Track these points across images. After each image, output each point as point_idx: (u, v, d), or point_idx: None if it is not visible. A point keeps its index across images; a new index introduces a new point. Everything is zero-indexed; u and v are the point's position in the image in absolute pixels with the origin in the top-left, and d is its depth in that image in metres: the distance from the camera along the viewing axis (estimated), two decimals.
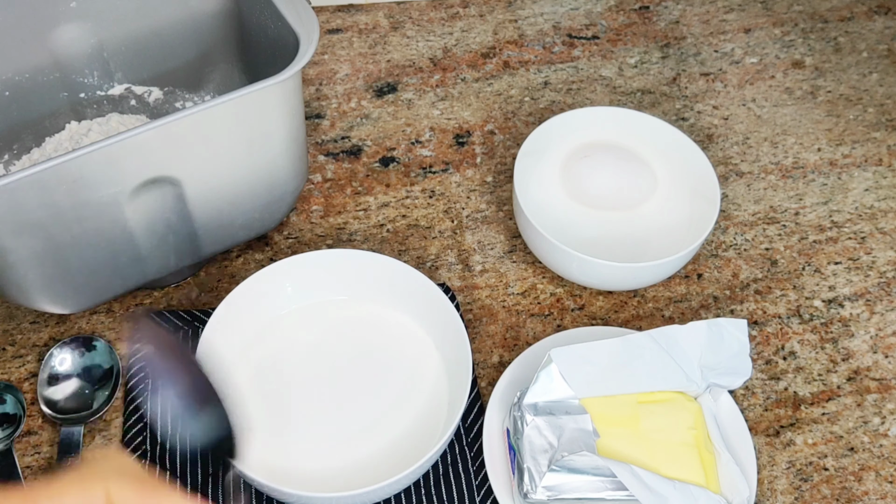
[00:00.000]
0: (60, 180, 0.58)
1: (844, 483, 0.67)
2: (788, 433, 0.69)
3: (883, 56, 0.96)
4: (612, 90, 0.92)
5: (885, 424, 0.70)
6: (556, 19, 0.99)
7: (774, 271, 0.79)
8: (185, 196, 0.66)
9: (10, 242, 0.60)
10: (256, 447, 0.62)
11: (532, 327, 0.74)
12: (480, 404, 0.68)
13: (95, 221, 0.62)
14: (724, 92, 0.92)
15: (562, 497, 0.59)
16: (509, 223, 0.81)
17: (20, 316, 0.73)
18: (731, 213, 0.83)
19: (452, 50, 0.95)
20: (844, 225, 0.82)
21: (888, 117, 0.91)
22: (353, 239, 0.79)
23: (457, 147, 0.87)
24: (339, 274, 0.69)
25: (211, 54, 0.80)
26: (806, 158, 0.87)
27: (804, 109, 0.91)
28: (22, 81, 0.74)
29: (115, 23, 0.75)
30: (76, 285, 0.66)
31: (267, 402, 0.64)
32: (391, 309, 0.69)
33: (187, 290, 0.75)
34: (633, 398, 0.63)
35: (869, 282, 0.78)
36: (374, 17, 0.98)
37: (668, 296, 0.76)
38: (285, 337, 0.68)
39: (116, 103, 0.80)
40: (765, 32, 0.98)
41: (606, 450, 0.61)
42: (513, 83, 0.92)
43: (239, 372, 0.66)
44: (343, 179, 0.83)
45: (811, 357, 0.73)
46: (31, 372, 0.70)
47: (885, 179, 0.86)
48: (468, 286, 0.76)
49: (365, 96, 0.90)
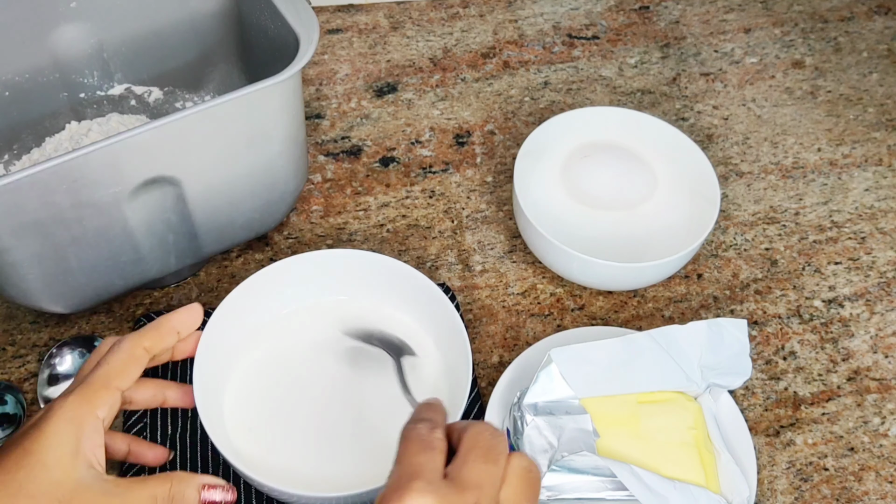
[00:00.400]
0: (60, 180, 0.58)
1: (844, 483, 0.67)
2: (788, 433, 0.69)
3: (883, 56, 0.96)
4: (612, 90, 0.92)
5: (885, 424, 0.70)
6: (556, 19, 0.99)
7: (774, 271, 0.79)
8: (185, 196, 0.66)
9: (10, 242, 0.60)
10: (256, 447, 0.62)
11: (532, 327, 0.74)
12: (480, 404, 0.68)
13: (95, 221, 0.62)
14: (724, 92, 0.92)
15: (562, 497, 0.59)
16: (509, 223, 0.81)
17: (20, 316, 0.73)
18: (731, 213, 0.83)
19: (452, 50, 0.95)
20: (844, 225, 0.82)
21: (888, 117, 0.91)
22: (353, 239, 0.79)
23: (457, 147, 0.87)
24: (339, 274, 0.69)
25: (211, 54, 0.80)
26: (806, 158, 0.87)
27: (804, 109, 0.91)
28: (22, 81, 0.74)
29: (115, 23, 0.75)
30: (76, 285, 0.66)
31: (267, 402, 0.64)
32: (391, 309, 0.69)
33: (187, 290, 0.75)
34: (633, 398, 0.63)
35: (869, 282, 0.78)
36: (374, 17, 0.98)
37: (668, 296, 0.76)
38: (285, 337, 0.68)
39: (116, 103, 0.80)
40: (765, 32, 0.98)
41: (606, 450, 0.61)
42: (513, 83, 0.92)
43: (239, 372, 0.66)
44: (343, 179, 0.83)
45: (811, 357, 0.73)
46: (31, 372, 0.70)
47: (885, 179, 0.86)
48: (468, 286, 0.76)
49: (365, 96, 0.90)
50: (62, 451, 0.49)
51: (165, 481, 0.51)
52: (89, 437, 0.50)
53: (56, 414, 0.50)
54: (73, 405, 0.51)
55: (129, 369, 0.54)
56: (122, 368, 0.54)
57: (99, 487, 0.49)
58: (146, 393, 0.58)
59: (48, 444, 0.49)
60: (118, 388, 0.53)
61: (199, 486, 0.52)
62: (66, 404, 0.51)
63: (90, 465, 0.50)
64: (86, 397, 0.51)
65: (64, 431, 0.50)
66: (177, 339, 0.57)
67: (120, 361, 0.54)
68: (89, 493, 0.49)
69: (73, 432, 0.50)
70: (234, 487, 0.53)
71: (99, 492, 0.49)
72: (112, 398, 0.53)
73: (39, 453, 0.49)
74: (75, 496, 0.48)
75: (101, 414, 0.51)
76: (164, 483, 0.51)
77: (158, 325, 0.57)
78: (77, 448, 0.50)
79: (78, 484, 0.49)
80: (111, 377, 0.53)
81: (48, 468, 0.48)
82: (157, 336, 0.56)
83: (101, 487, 0.49)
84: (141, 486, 0.51)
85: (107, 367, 0.53)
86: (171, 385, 0.60)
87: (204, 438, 0.65)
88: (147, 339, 0.56)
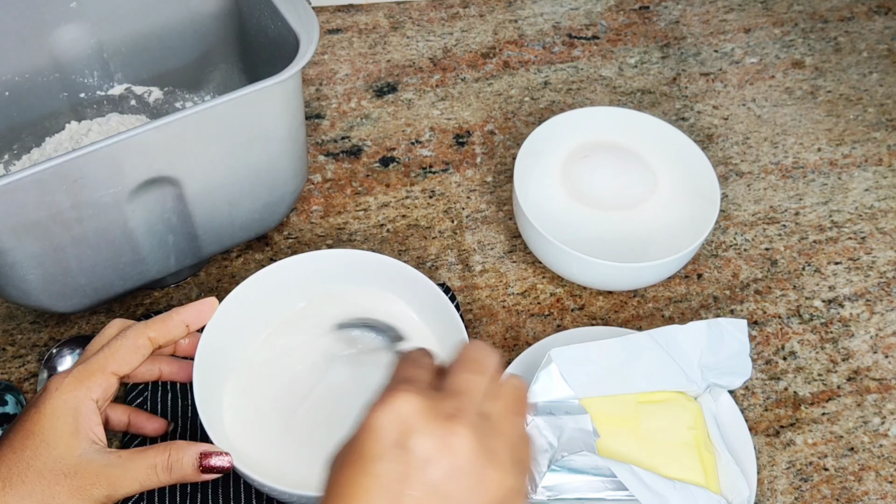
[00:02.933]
0: (60, 180, 0.58)
1: (844, 483, 0.67)
2: (788, 433, 0.69)
3: (883, 56, 0.96)
4: (612, 90, 0.92)
5: (885, 424, 0.70)
6: (556, 19, 0.99)
7: (774, 271, 0.79)
8: (185, 196, 0.66)
9: (10, 242, 0.60)
10: (256, 446, 0.62)
11: (532, 327, 0.74)
12: None
13: (95, 221, 0.62)
14: (724, 92, 0.92)
15: (562, 497, 0.59)
16: (509, 223, 0.81)
17: (20, 316, 0.73)
18: (731, 213, 0.83)
19: (452, 50, 0.95)
20: (844, 225, 0.82)
21: (888, 117, 0.91)
22: (353, 239, 0.79)
23: (457, 147, 0.87)
24: (339, 274, 0.69)
25: (211, 54, 0.80)
26: (806, 158, 0.87)
27: (804, 109, 0.91)
28: (22, 82, 0.74)
29: (115, 23, 0.75)
30: (76, 285, 0.66)
31: (266, 402, 0.64)
32: (391, 309, 0.69)
33: (187, 290, 0.75)
34: (633, 398, 0.63)
35: (869, 282, 0.78)
36: (374, 17, 0.98)
37: (668, 296, 0.76)
38: (285, 337, 0.68)
39: (116, 103, 0.80)
40: (765, 32, 0.98)
41: (606, 450, 0.61)
42: (513, 83, 0.92)
43: (239, 371, 0.66)
44: (343, 179, 0.83)
45: (811, 357, 0.73)
46: (31, 372, 0.70)
47: (885, 179, 0.86)
48: (468, 286, 0.76)
49: (365, 96, 0.90)
50: (62, 431, 0.52)
51: (164, 450, 0.54)
52: (86, 418, 0.53)
53: (53, 396, 0.53)
54: (69, 387, 0.53)
55: (130, 357, 0.56)
56: (123, 355, 0.56)
57: (101, 459, 0.52)
58: (142, 366, 0.59)
59: (49, 425, 0.52)
60: (114, 374, 0.55)
61: (197, 453, 0.54)
62: (62, 386, 0.54)
63: (91, 441, 0.53)
64: (81, 380, 0.54)
65: (61, 413, 0.53)
66: (186, 332, 0.59)
67: (122, 348, 0.56)
68: (92, 465, 0.52)
69: (71, 413, 0.53)
70: (229, 454, 0.55)
71: (102, 463, 0.52)
72: (107, 382, 0.55)
73: (42, 434, 0.52)
74: (79, 469, 0.51)
75: (94, 396, 0.54)
76: (163, 452, 0.53)
77: (168, 317, 0.58)
78: (76, 427, 0.53)
79: (80, 458, 0.52)
80: (109, 363, 0.55)
81: (51, 446, 0.52)
82: (164, 328, 0.57)
83: (104, 459, 0.52)
84: (141, 455, 0.53)
85: (107, 352, 0.55)
86: (167, 360, 0.61)
87: (204, 437, 0.64)
88: (153, 329, 0.57)
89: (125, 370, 0.56)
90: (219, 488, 0.63)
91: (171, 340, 0.58)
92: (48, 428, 0.52)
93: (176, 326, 0.58)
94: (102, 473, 0.52)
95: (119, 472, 0.52)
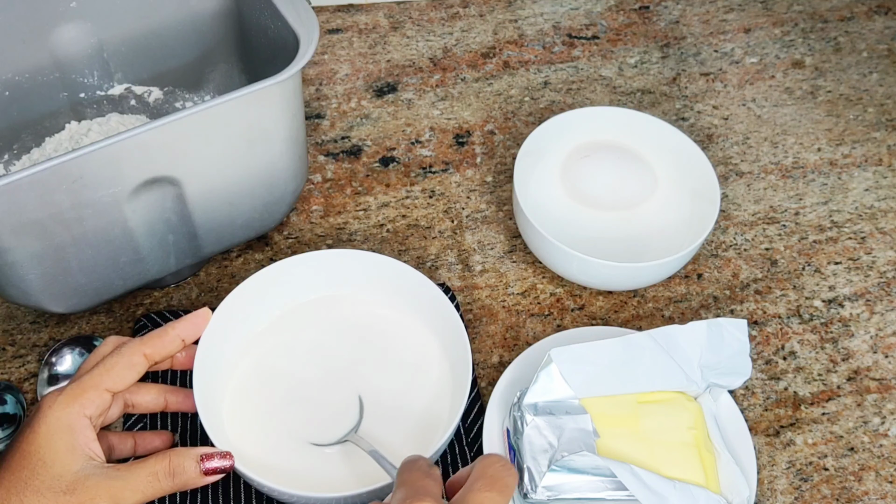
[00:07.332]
0: (60, 180, 0.58)
1: (844, 483, 0.67)
2: (788, 433, 0.69)
3: (883, 56, 0.96)
4: (612, 90, 0.92)
5: (885, 424, 0.70)
6: (556, 19, 0.99)
7: (774, 271, 0.79)
8: (185, 196, 0.66)
9: (10, 242, 0.60)
10: (256, 447, 0.62)
11: (532, 327, 0.74)
12: (480, 404, 0.68)
13: (95, 221, 0.62)
14: (724, 92, 0.92)
15: (562, 497, 0.59)
16: (509, 223, 0.81)
17: (20, 316, 0.73)
18: (731, 213, 0.83)
19: (452, 50, 0.95)
20: (844, 225, 0.82)
21: (888, 117, 0.91)
22: (353, 239, 0.79)
23: (457, 147, 0.87)
24: (339, 274, 0.69)
25: (211, 54, 0.80)
26: (806, 158, 0.87)
27: (804, 109, 0.91)
28: (22, 81, 0.74)
29: (115, 23, 0.75)
30: (76, 285, 0.66)
31: (267, 402, 0.64)
32: (391, 309, 0.69)
33: (187, 290, 0.75)
34: (633, 398, 0.63)
35: (869, 282, 0.78)
36: (374, 17, 0.98)
37: (668, 296, 0.76)
38: (285, 337, 0.68)
39: (116, 103, 0.80)
40: (765, 32, 0.98)
41: (606, 450, 0.61)
42: (513, 83, 0.92)
43: (239, 372, 0.66)
44: (343, 179, 0.83)
45: (811, 357, 0.73)
46: (31, 372, 0.70)
47: (885, 179, 0.86)
48: (468, 286, 0.76)
49: (365, 96, 0.90)
50: (58, 449, 0.52)
51: (164, 457, 0.53)
52: (81, 434, 0.53)
53: (47, 414, 0.53)
54: (62, 405, 0.53)
55: (124, 374, 0.56)
56: (118, 372, 0.55)
57: (100, 474, 0.52)
58: (147, 396, 0.60)
59: (44, 444, 0.52)
60: (108, 391, 0.55)
61: (198, 456, 0.54)
62: (56, 404, 0.53)
63: (88, 457, 0.53)
64: (75, 397, 0.54)
65: (56, 432, 0.52)
66: (181, 346, 0.59)
67: (117, 365, 0.56)
68: (91, 481, 0.52)
69: (66, 431, 0.53)
70: (231, 453, 0.55)
71: (101, 477, 0.52)
72: (101, 399, 0.54)
73: (38, 453, 0.52)
74: (78, 485, 0.51)
75: (87, 413, 0.54)
76: (163, 459, 0.53)
77: (163, 332, 0.58)
78: (72, 445, 0.52)
79: (78, 474, 0.52)
80: (104, 379, 0.55)
81: (48, 465, 0.51)
82: (159, 344, 0.57)
83: (103, 473, 0.52)
84: (141, 465, 0.53)
85: (101, 369, 0.55)
86: (173, 390, 0.61)
87: (204, 438, 0.65)
88: (149, 346, 0.57)
89: (120, 387, 0.55)
90: (219, 489, 0.63)
91: (166, 356, 0.58)
92: (44, 447, 0.52)
93: (171, 342, 0.58)
94: (103, 487, 0.51)
95: (120, 484, 0.52)
